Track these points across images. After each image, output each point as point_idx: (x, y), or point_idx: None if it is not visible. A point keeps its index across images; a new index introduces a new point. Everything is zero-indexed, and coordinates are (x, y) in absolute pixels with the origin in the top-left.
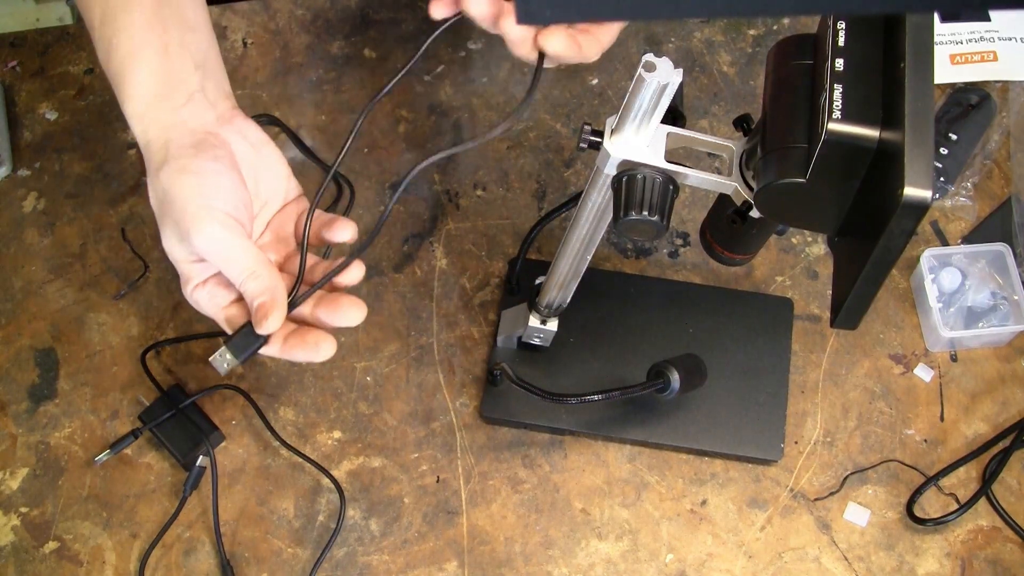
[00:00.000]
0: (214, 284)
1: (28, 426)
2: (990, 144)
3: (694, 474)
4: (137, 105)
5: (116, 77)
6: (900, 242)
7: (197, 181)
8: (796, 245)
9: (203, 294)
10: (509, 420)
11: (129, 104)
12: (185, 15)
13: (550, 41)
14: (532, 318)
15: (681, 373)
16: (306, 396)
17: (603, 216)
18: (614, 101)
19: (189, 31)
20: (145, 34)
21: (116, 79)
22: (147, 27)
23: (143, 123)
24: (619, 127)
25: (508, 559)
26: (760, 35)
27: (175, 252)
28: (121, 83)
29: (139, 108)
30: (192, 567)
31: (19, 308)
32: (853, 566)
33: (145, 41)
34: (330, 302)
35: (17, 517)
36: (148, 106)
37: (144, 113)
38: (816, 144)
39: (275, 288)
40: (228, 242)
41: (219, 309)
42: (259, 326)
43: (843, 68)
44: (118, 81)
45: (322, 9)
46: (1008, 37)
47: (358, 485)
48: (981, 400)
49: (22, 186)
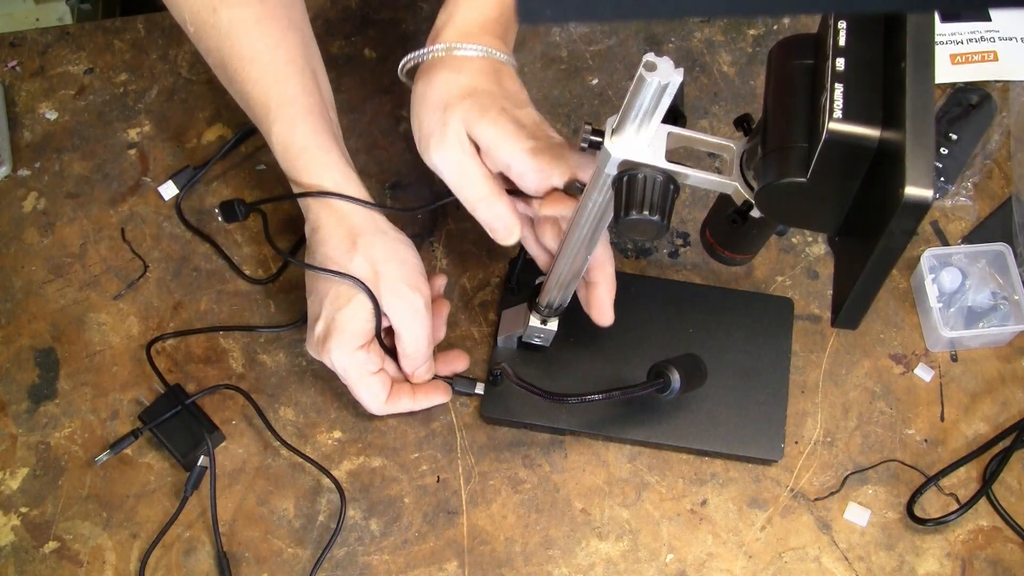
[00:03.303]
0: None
1: (28, 426)
2: (990, 144)
3: (694, 474)
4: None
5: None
6: (901, 242)
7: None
8: (796, 245)
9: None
10: (509, 420)
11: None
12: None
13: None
14: (532, 318)
15: (681, 373)
16: (306, 396)
17: (603, 216)
18: (614, 101)
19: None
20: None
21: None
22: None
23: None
24: (620, 127)
25: (508, 559)
26: (760, 35)
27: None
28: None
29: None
30: (192, 567)
31: (19, 308)
32: (853, 566)
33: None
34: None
35: (17, 517)
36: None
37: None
38: (817, 144)
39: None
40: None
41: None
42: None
43: (844, 68)
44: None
45: (322, 9)
46: (1008, 37)
47: (358, 485)
48: (981, 400)
49: (22, 186)
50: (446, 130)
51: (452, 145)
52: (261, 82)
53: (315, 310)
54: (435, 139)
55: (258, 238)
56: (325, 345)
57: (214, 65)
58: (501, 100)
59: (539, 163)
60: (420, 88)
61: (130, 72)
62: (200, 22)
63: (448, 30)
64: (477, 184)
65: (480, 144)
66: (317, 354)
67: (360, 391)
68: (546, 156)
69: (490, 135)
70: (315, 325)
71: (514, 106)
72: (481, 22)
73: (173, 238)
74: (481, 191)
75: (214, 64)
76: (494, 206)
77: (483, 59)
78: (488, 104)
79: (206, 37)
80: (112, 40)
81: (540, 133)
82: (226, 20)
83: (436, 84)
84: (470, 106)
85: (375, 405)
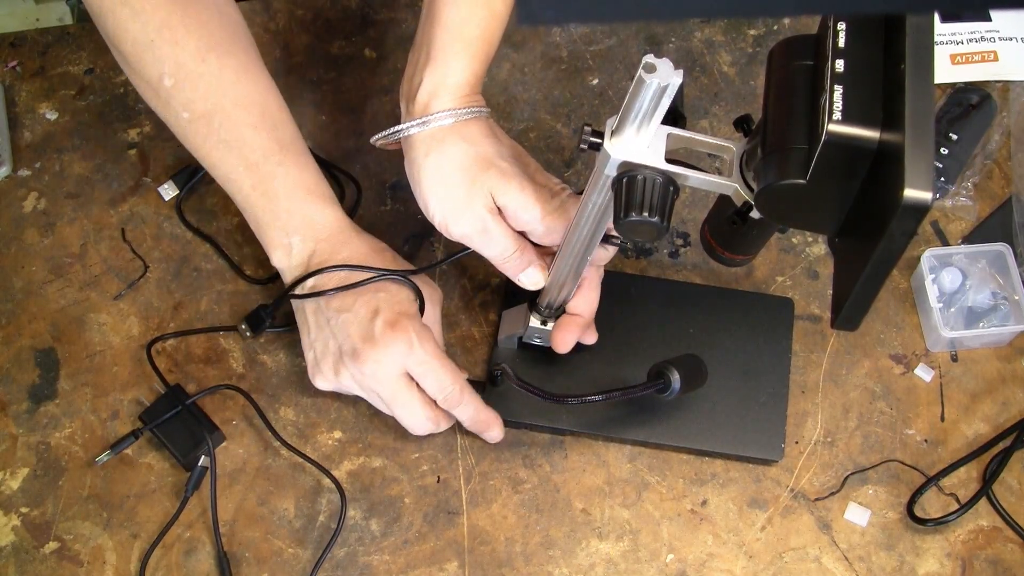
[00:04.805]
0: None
1: (28, 426)
2: (990, 144)
3: (694, 474)
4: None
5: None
6: (901, 243)
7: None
8: (796, 245)
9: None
10: (509, 420)
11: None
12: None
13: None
14: (532, 318)
15: (681, 373)
16: (306, 396)
17: (603, 217)
18: (614, 101)
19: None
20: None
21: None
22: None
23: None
24: (619, 128)
25: (508, 559)
26: (760, 35)
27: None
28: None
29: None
30: (192, 567)
31: (19, 308)
32: (853, 566)
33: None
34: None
35: (17, 517)
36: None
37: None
38: (816, 145)
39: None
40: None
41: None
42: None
43: (843, 69)
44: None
45: (322, 9)
46: (1008, 37)
47: (359, 485)
48: (981, 400)
49: (22, 186)
50: (474, 203)
51: (482, 216)
52: (263, 125)
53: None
54: (462, 213)
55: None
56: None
57: (193, 118)
58: (515, 163)
59: (557, 223)
60: (431, 164)
61: None
62: (185, 73)
63: (443, 97)
64: (507, 244)
65: (505, 213)
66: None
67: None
68: (562, 218)
69: (517, 203)
70: (340, 344)
71: (524, 165)
72: (470, 81)
73: (173, 238)
74: (511, 248)
75: (194, 117)
76: (525, 254)
77: (483, 120)
78: (509, 172)
79: (191, 88)
80: None
81: (555, 186)
82: (216, 67)
83: (452, 156)
84: (494, 176)
85: (424, 417)
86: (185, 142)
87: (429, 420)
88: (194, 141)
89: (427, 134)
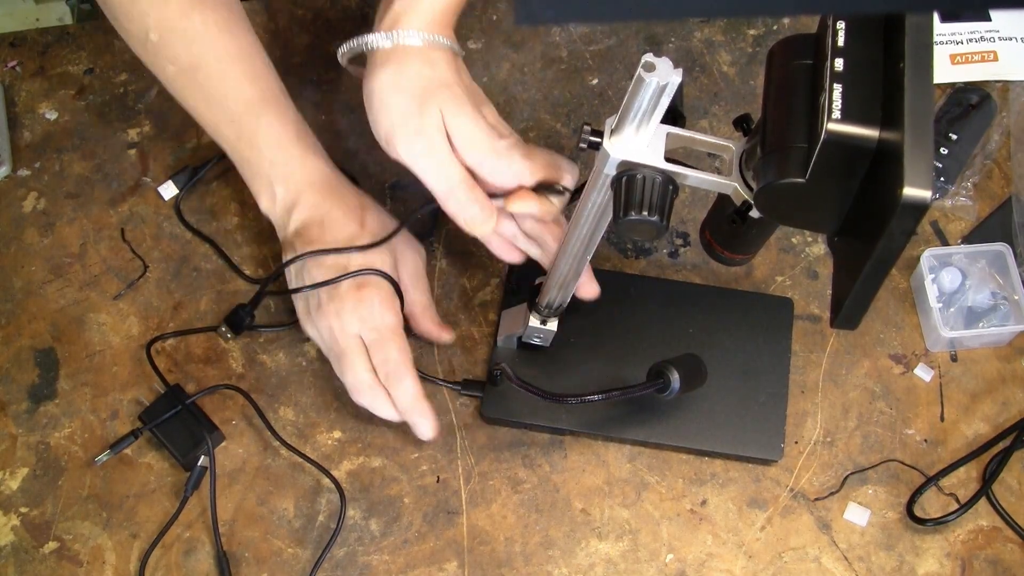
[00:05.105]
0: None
1: (28, 426)
2: (990, 144)
3: (694, 474)
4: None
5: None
6: (900, 242)
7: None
8: (796, 245)
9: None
10: (509, 420)
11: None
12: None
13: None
14: (532, 318)
15: (681, 373)
16: (306, 396)
17: (603, 216)
18: (614, 101)
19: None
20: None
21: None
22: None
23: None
24: (619, 127)
25: (508, 559)
26: (760, 35)
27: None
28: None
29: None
30: (192, 567)
31: (19, 308)
32: (853, 566)
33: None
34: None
35: (17, 517)
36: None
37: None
38: (816, 144)
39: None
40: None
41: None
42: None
43: (843, 68)
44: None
45: (322, 9)
46: (1008, 37)
47: (358, 485)
48: (981, 400)
49: (22, 186)
50: (424, 120)
51: (430, 135)
52: (245, 79)
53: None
54: (410, 128)
55: (258, 238)
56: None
57: (179, 72)
58: (472, 96)
59: (511, 161)
60: (387, 76)
61: (130, 72)
62: (168, 28)
63: (412, 17)
64: (453, 173)
65: (454, 139)
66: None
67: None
68: (518, 154)
69: (467, 130)
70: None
71: (481, 103)
72: (443, 11)
73: (173, 238)
74: (457, 178)
75: (179, 70)
76: (472, 190)
77: (449, 52)
78: (464, 99)
79: (174, 43)
80: (112, 40)
81: (506, 132)
82: (200, 23)
83: (409, 74)
84: (448, 98)
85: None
86: (173, 94)
87: (366, 386)
88: (181, 94)
89: (391, 49)
